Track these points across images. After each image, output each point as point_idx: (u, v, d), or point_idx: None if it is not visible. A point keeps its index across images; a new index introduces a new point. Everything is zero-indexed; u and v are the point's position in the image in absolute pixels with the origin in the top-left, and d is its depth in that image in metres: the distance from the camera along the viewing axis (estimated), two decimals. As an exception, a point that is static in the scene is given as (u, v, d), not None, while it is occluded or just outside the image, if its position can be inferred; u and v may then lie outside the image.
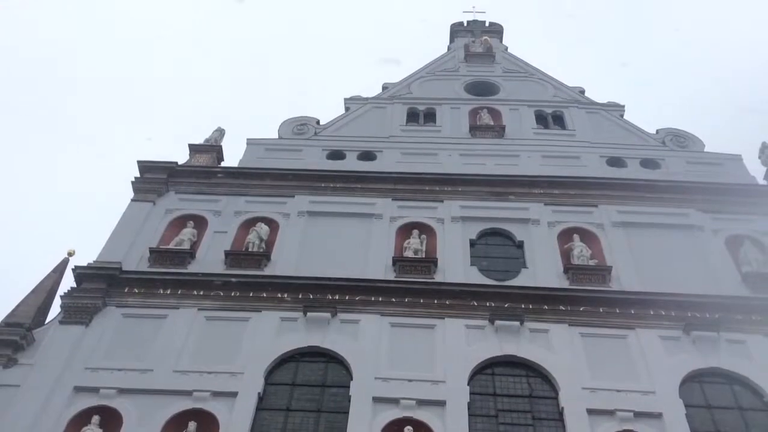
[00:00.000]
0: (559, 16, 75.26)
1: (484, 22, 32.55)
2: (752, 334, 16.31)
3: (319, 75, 70.95)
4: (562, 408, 14.80)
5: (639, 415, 14.50)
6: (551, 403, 15.08)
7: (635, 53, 72.42)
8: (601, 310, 16.85)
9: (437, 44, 45.28)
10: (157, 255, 18.57)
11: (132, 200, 20.46)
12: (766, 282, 17.63)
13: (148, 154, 37.88)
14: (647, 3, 71.06)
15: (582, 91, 26.87)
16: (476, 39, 30.59)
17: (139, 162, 21.28)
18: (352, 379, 15.41)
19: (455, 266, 18.34)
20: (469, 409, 14.74)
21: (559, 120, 24.91)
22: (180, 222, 19.80)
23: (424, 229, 19.49)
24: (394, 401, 14.80)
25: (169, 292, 17.37)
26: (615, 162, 22.44)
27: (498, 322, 16.52)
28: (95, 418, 14.38)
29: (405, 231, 19.49)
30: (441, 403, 14.75)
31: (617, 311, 16.81)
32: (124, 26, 69.99)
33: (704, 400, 15.16)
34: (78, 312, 16.82)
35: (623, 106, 25.63)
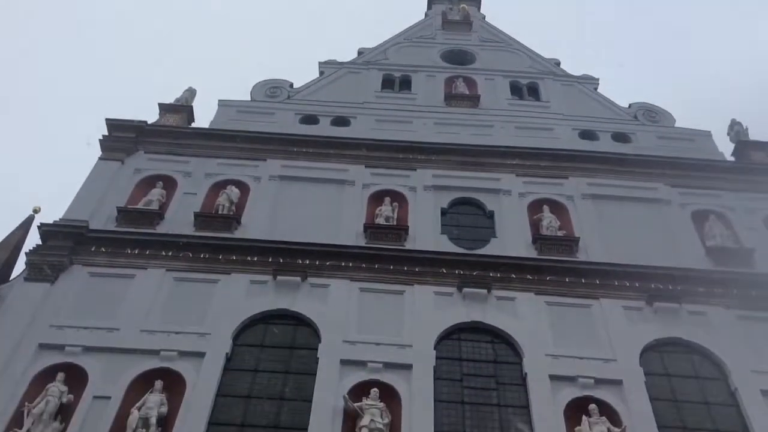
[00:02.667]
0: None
1: (462, -11, 32.24)
2: (713, 306, 16.69)
3: (294, 37, 70.14)
4: (526, 373, 15.07)
5: (600, 381, 14.82)
6: (515, 369, 15.34)
7: (614, 29, 72.68)
8: (567, 280, 17.09)
9: (414, 10, 44.82)
10: (125, 215, 18.34)
11: (100, 159, 20.12)
12: (729, 256, 18.05)
13: (118, 112, 37.02)
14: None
15: (558, 63, 26.92)
16: (454, 6, 30.35)
17: (107, 120, 20.89)
18: (320, 342, 15.49)
19: (426, 234, 18.42)
20: (434, 373, 14.92)
21: (533, 91, 24.97)
22: (149, 182, 19.55)
23: (396, 197, 19.50)
24: (362, 364, 14.94)
25: (136, 252, 17.20)
26: (587, 135, 22.61)
27: (466, 290, 16.69)
28: (60, 375, 14.26)
29: (377, 198, 19.49)
30: (407, 367, 14.93)
31: (583, 281, 17.07)
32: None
33: (663, 369, 15.52)
34: (43, 269, 16.58)
35: (597, 80, 25.75)
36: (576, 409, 14.31)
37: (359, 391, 14.34)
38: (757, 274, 17.46)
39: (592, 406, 14.24)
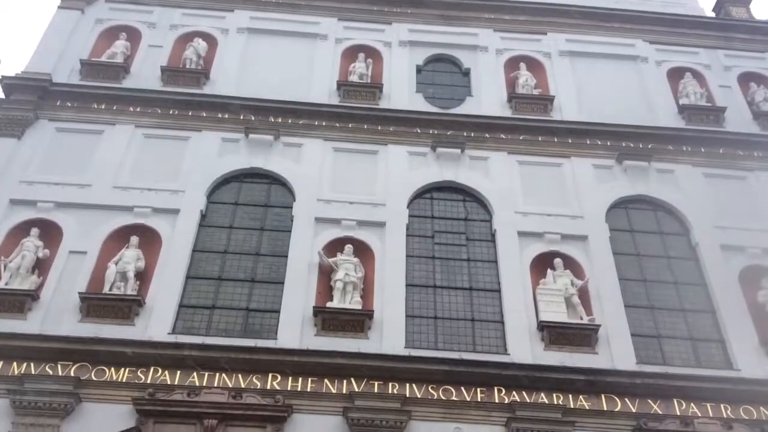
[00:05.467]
0: None
1: None
2: (681, 164, 17.00)
3: None
4: (495, 230, 15.48)
5: (566, 237, 15.28)
6: (485, 226, 15.74)
7: None
8: (539, 139, 17.17)
9: None
10: (89, 68, 17.68)
11: (59, 7, 19.13)
12: (700, 114, 18.19)
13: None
14: None
15: None
16: None
17: (64, -35, 19.61)
18: (295, 201, 15.60)
19: (400, 93, 18.17)
20: (407, 230, 15.26)
21: (518, -64, 23.68)
22: (111, 33, 18.74)
23: (371, 53, 19.01)
24: (336, 221, 15.18)
25: (103, 107, 16.79)
26: (569, -14, 21.81)
27: (440, 149, 16.73)
28: (34, 231, 14.28)
29: (351, 54, 18.98)
30: (381, 224, 15.21)
31: (555, 140, 17.17)
32: None
33: (628, 225, 16.03)
34: (9, 124, 16.17)
35: None
36: (542, 263, 14.85)
37: (334, 247, 14.65)
38: (726, 132, 17.72)
39: (557, 260, 14.79)
